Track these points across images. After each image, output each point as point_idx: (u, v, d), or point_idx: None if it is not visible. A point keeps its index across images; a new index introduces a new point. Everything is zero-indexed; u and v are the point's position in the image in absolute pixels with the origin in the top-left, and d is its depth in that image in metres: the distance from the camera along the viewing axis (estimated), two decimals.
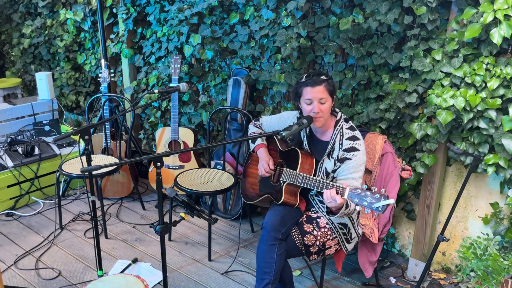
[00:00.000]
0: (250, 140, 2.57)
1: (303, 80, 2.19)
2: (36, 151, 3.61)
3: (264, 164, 2.40)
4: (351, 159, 2.17)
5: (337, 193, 1.98)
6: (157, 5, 3.64)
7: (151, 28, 3.78)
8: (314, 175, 2.27)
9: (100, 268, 2.53)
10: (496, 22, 2.15)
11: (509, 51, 2.26)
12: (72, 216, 3.43)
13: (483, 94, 2.26)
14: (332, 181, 2.23)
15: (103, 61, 3.67)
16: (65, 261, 2.89)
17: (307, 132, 2.35)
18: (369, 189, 1.88)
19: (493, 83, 2.22)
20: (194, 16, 3.32)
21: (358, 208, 1.90)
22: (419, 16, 2.39)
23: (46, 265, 2.84)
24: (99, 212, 3.21)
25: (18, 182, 3.50)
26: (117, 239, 3.17)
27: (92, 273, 2.77)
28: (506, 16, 2.12)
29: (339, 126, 2.24)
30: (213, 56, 3.38)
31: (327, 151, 2.24)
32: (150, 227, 1.88)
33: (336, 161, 2.21)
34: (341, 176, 2.20)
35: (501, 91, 2.23)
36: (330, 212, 2.15)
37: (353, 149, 2.18)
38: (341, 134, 2.22)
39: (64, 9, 4.39)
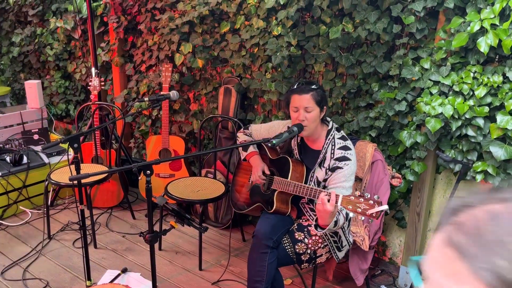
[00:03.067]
0: (240, 149, 2.57)
1: (293, 87, 2.22)
2: (25, 160, 3.57)
3: (259, 171, 2.40)
4: (342, 168, 2.17)
5: (328, 201, 1.97)
6: (148, 13, 3.64)
7: (142, 36, 3.78)
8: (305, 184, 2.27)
9: (89, 279, 2.49)
10: (483, 31, 2.18)
11: (496, 59, 2.29)
12: (61, 226, 3.38)
13: (471, 102, 2.29)
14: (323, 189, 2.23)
15: (93, 70, 3.66)
16: (53, 271, 2.85)
17: (298, 141, 2.35)
18: (361, 195, 1.88)
19: (480, 91, 2.25)
20: (185, 25, 3.33)
21: (351, 214, 1.89)
22: (407, 26, 2.42)
23: (33, 276, 2.79)
24: (88, 222, 3.17)
25: (5, 192, 3.45)
26: (107, 248, 3.13)
27: (80, 283, 2.73)
28: (493, 25, 2.16)
29: (331, 135, 2.24)
30: (204, 64, 3.38)
31: (318, 160, 2.24)
32: (140, 236, 1.86)
33: (328, 170, 2.21)
34: (331, 184, 2.19)
35: (489, 99, 2.25)
36: (317, 226, 2.12)
37: (344, 159, 2.18)
38: (333, 143, 2.23)
39: (54, 17, 4.38)
